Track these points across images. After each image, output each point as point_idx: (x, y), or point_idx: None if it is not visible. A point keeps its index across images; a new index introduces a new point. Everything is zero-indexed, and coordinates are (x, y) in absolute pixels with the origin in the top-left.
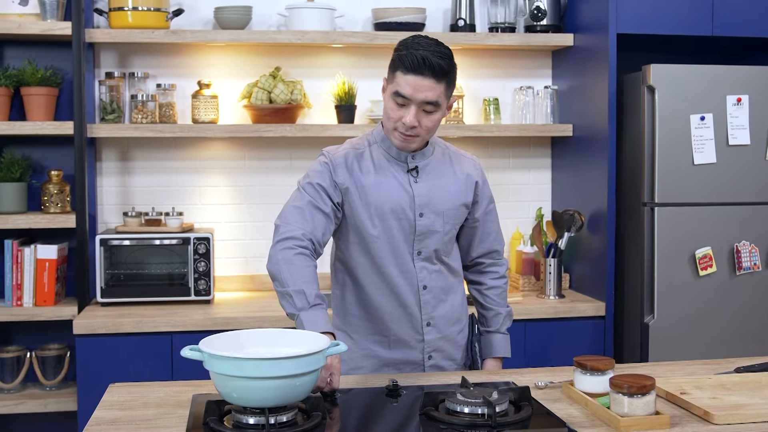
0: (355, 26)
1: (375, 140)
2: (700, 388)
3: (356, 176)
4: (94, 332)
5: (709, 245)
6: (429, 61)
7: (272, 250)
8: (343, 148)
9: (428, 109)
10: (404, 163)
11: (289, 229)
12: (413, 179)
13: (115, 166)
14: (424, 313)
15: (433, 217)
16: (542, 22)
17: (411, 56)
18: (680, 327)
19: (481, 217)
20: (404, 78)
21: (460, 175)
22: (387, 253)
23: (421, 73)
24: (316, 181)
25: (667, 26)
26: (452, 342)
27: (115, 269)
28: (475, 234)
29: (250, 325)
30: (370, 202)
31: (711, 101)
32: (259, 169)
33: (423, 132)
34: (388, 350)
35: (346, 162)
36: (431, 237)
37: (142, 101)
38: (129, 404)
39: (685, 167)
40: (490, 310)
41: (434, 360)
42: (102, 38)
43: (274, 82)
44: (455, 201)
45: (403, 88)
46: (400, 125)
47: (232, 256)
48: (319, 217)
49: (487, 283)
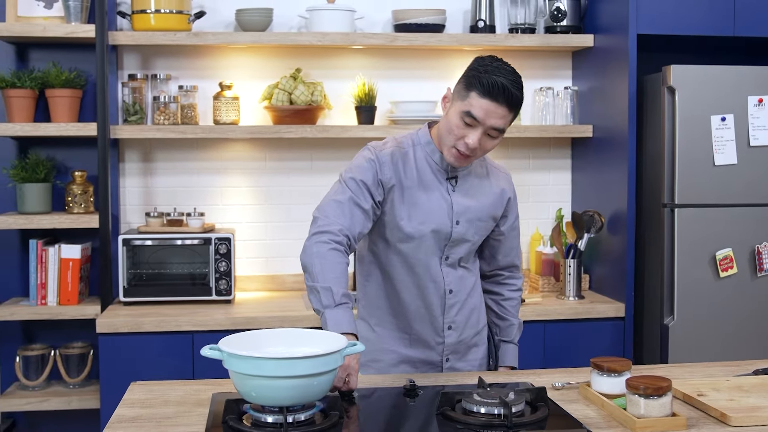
0: (375, 28)
1: (419, 142)
2: (718, 390)
3: (400, 176)
4: (117, 331)
5: (729, 246)
6: (508, 91)
7: (307, 242)
8: (390, 146)
9: (493, 134)
10: (444, 171)
11: (327, 223)
12: (451, 188)
13: (137, 167)
14: (447, 317)
15: (467, 226)
16: (562, 23)
17: (491, 81)
18: (700, 329)
19: (507, 232)
20: (479, 101)
21: (495, 189)
22: (419, 254)
23: (498, 101)
24: (360, 177)
25: (688, 27)
26: (470, 345)
27: (138, 269)
28: (499, 247)
29: (270, 324)
30: (411, 204)
31: (732, 102)
32: (279, 170)
33: (480, 153)
34: (408, 348)
35: (392, 160)
36: (462, 245)
37: (164, 103)
38: (150, 402)
39: (706, 168)
40: (505, 320)
41: (451, 362)
42: (125, 40)
43: (294, 84)
44: (487, 213)
45: (477, 110)
46: (461, 144)
47: (253, 256)
48: (358, 213)
49: (504, 294)
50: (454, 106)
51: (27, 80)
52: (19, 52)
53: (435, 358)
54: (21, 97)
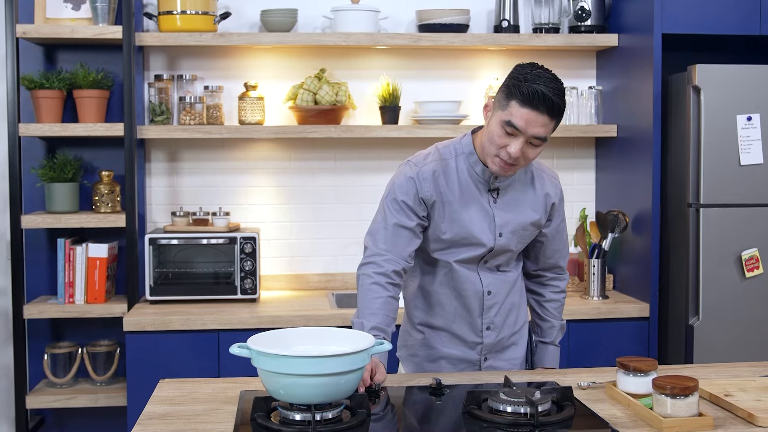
0: (399, 28)
1: (462, 151)
2: (745, 391)
3: (442, 191)
4: (144, 329)
5: (755, 247)
6: (549, 99)
7: (358, 271)
8: (431, 159)
9: (535, 143)
10: (486, 182)
11: (375, 252)
12: (493, 200)
13: (163, 167)
14: (486, 318)
15: (510, 236)
16: (586, 23)
17: (531, 90)
18: (725, 329)
19: (551, 234)
20: (520, 110)
21: (539, 195)
22: (458, 257)
23: (538, 109)
24: (401, 197)
25: (713, 26)
26: (508, 344)
27: (163, 268)
28: (542, 249)
29: (295, 323)
30: (451, 219)
31: (758, 101)
32: (304, 170)
33: (523, 162)
34: (447, 346)
35: (433, 177)
36: (502, 255)
37: (190, 103)
38: (179, 400)
39: (732, 168)
40: (546, 321)
41: (490, 361)
42: (151, 41)
43: (319, 84)
44: (531, 222)
45: (517, 120)
46: (503, 153)
47: (278, 256)
48: (404, 234)
49: (547, 295)
50: (495, 115)
51: (55, 81)
52: (48, 54)
53: (474, 356)
54: (49, 97)
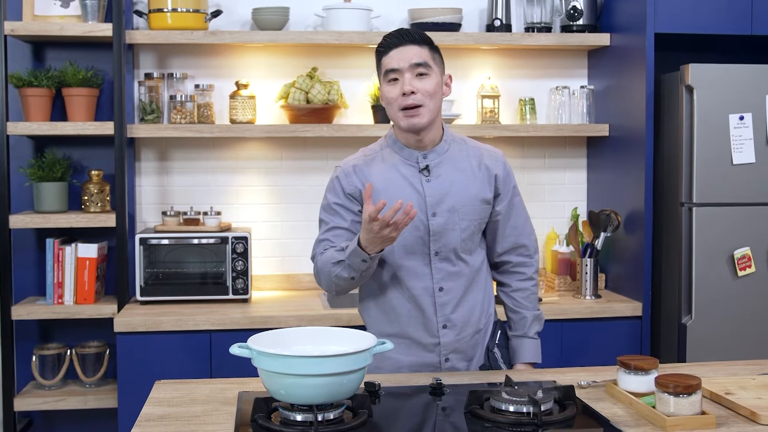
0: (391, 27)
1: (387, 144)
2: (745, 389)
3: (365, 180)
4: (135, 330)
5: (748, 246)
6: (404, 31)
7: (315, 273)
8: (354, 157)
9: (420, 71)
10: (416, 164)
11: (318, 252)
12: (425, 179)
13: (153, 166)
14: (440, 315)
15: (448, 215)
16: (578, 22)
17: (387, 37)
18: (718, 328)
19: (504, 210)
20: (388, 56)
21: (478, 170)
22: (401, 254)
23: (399, 44)
24: (332, 201)
25: (705, 26)
26: (470, 343)
27: (154, 268)
28: (498, 228)
29: (288, 323)
30: None
31: (750, 101)
32: (295, 169)
33: (424, 99)
34: (406, 354)
35: (355, 171)
36: (448, 235)
37: (180, 102)
38: (176, 401)
39: (724, 167)
40: (516, 313)
41: (451, 362)
42: (142, 39)
43: (311, 83)
44: (473, 197)
45: (390, 63)
46: (400, 100)
47: (269, 255)
48: (339, 232)
49: (513, 285)
50: (381, 85)
51: (44, 79)
52: (36, 51)
53: (433, 360)
54: (38, 96)
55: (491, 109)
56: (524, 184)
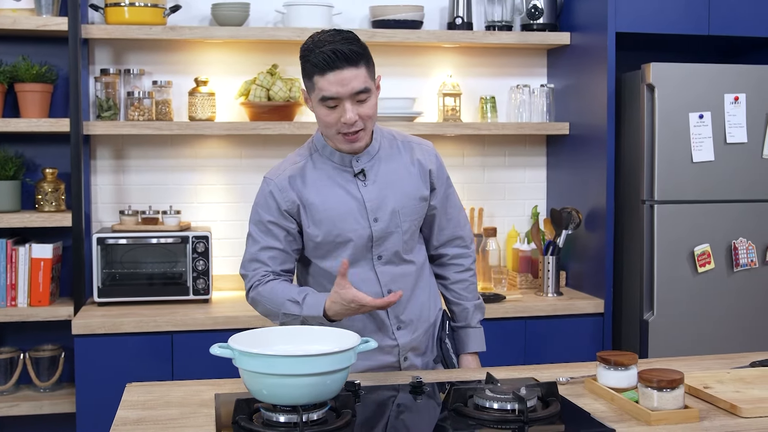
0: (352, 24)
1: (316, 149)
2: (722, 383)
3: (302, 195)
4: (94, 332)
5: (707, 242)
6: (340, 52)
7: (249, 299)
8: (285, 166)
9: (361, 98)
10: (350, 168)
11: (254, 276)
12: (362, 183)
13: (109, 164)
14: (393, 318)
15: (389, 218)
16: (539, 21)
17: (321, 55)
18: (679, 324)
19: (439, 204)
20: (324, 80)
21: (412, 167)
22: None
23: (338, 67)
24: (266, 218)
25: (664, 25)
26: (424, 339)
27: (112, 268)
28: (434, 221)
29: (252, 324)
30: (320, 220)
31: (709, 100)
32: (255, 168)
33: (366, 122)
34: (365, 360)
35: (290, 184)
36: (389, 239)
37: (138, 98)
38: (150, 404)
39: (684, 165)
40: (457, 305)
41: (410, 360)
42: (98, 34)
43: (272, 80)
44: (411, 196)
45: (328, 89)
46: (341, 126)
47: (229, 255)
48: (274, 254)
49: (451, 277)
50: (312, 101)
51: None
52: None
53: (391, 360)
54: None
55: (452, 108)
56: (485, 183)
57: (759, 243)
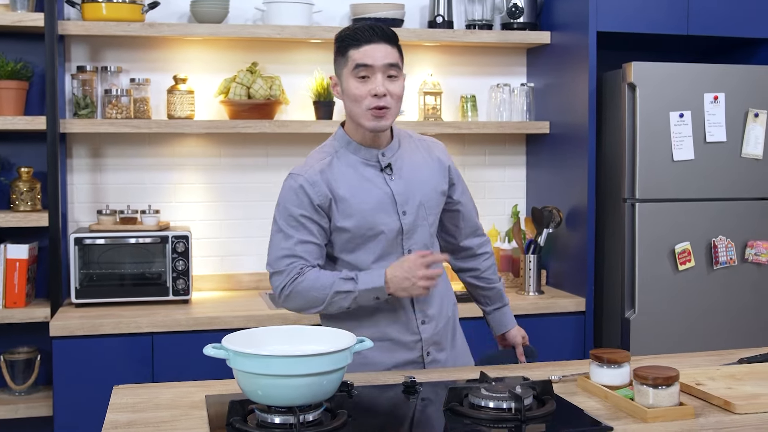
0: (332, 22)
1: (341, 145)
2: (713, 379)
3: (334, 190)
4: (72, 334)
5: (687, 240)
6: (377, 27)
7: (283, 296)
8: (310, 164)
9: (392, 73)
10: (376, 163)
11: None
12: (389, 177)
13: (85, 163)
14: (418, 311)
15: (417, 211)
16: (519, 20)
17: (359, 30)
18: (660, 321)
19: (461, 198)
20: (360, 51)
21: (432, 162)
22: (376, 257)
23: (373, 40)
24: (296, 213)
25: (645, 25)
26: (444, 333)
27: (89, 269)
28: (459, 216)
29: (234, 324)
30: (351, 213)
31: (689, 99)
32: (235, 166)
33: (392, 102)
34: (388, 356)
35: (323, 179)
36: (417, 232)
37: (115, 96)
38: (140, 406)
39: (665, 163)
40: (490, 289)
41: (432, 355)
42: (76, 30)
43: (252, 78)
44: (434, 190)
45: (362, 58)
46: (370, 100)
47: (208, 255)
48: (310, 248)
49: (481, 266)
50: (344, 77)
51: None
52: None
53: (415, 356)
54: None
55: (433, 106)
56: (465, 181)
57: (738, 241)
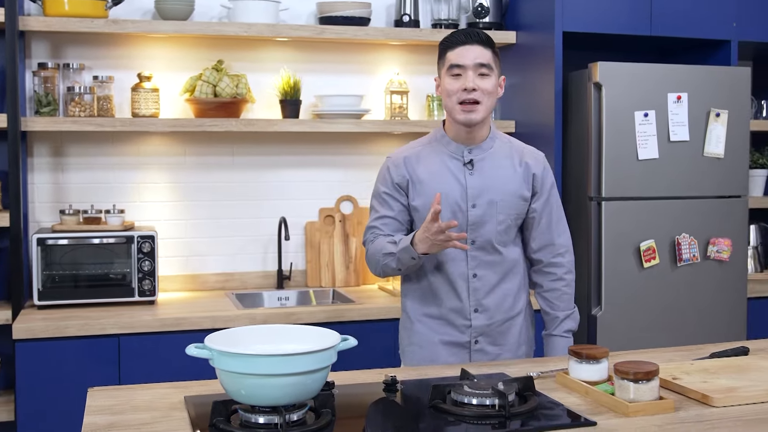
0: (298, 20)
1: (436, 138)
2: (689, 374)
3: (413, 173)
4: (36, 337)
5: (652, 238)
6: (472, 31)
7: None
8: (402, 150)
9: (483, 71)
10: (461, 158)
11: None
12: (468, 172)
13: (47, 162)
14: (473, 299)
15: (486, 207)
16: (485, 20)
17: (456, 34)
18: (626, 318)
19: (539, 208)
20: (454, 52)
21: (519, 167)
22: None
23: (467, 42)
24: (382, 190)
25: (609, 25)
26: (501, 329)
27: (52, 270)
28: (533, 225)
29: (202, 324)
30: (424, 193)
31: (653, 98)
32: (200, 166)
33: (483, 97)
34: (439, 333)
35: (405, 162)
36: (484, 227)
37: (78, 93)
38: (118, 408)
39: (630, 162)
40: (547, 313)
41: (480, 344)
42: (37, 26)
43: (219, 76)
44: (511, 192)
45: (456, 59)
46: (461, 94)
47: (173, 255)
48: (387, 221)
49: (545, 285)
50: (442, 76)
51: None
52: None
53: (463, 339)
54: None
55: (400, 105)
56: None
57: (700, 238)
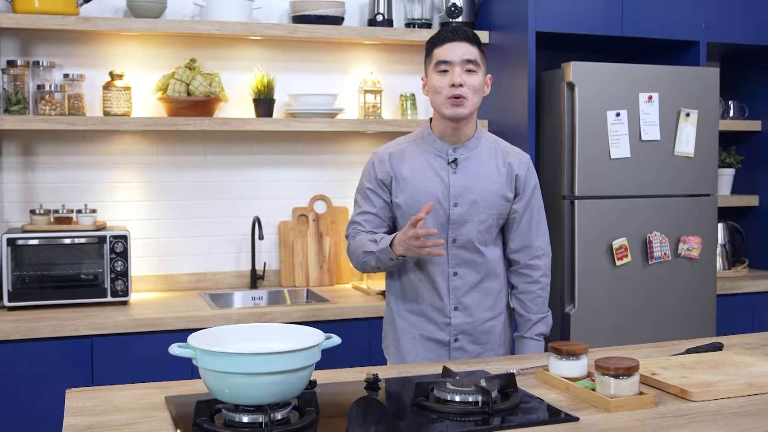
0: (271, 18)
1: (422, 136)
2: (667, 369)
3: (397, 169)
4: (7, 338)
5: (624, 236)
6: (461, 29)
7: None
8: (388, 146)
9: (470, 68)
10: (445, 156)
11: (350, 234)
12: (452, 170)
13: (17, 161)
14: (452, 298)
15: (468, 206)
16: (458, 19)
17: (443, 32)
18: (599, 315)
19: (520, 209)
20: (441, 49)
21: (503, 168)
22: None
23: (454, 39)
24: (365, 186)
25: (581, 26)
26: (482, 329)
27: (22, 271)
28: (513, 225)
29: (177, 325)
30: (407, 191)
31: (625, 98)
32: (172, 165)
33: (469, 93)
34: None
35: (390, 158)
36: (465, 226)
37: (49, 92)
38: (98, 409)
39: (603, 161)
40: (521, 315)
41: (460, 342)
42: (6, 24)
43: (192, 74)
44: (494, 192)
45: (443, 55)
46: (448, 90)
47: (145, 255)
48: (369, 217)
49: (519, 286)
50: (429, 74)
51: None
52: None
53: (443, 337)
54: None
55: (373, 104)
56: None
57: (671, 236)
